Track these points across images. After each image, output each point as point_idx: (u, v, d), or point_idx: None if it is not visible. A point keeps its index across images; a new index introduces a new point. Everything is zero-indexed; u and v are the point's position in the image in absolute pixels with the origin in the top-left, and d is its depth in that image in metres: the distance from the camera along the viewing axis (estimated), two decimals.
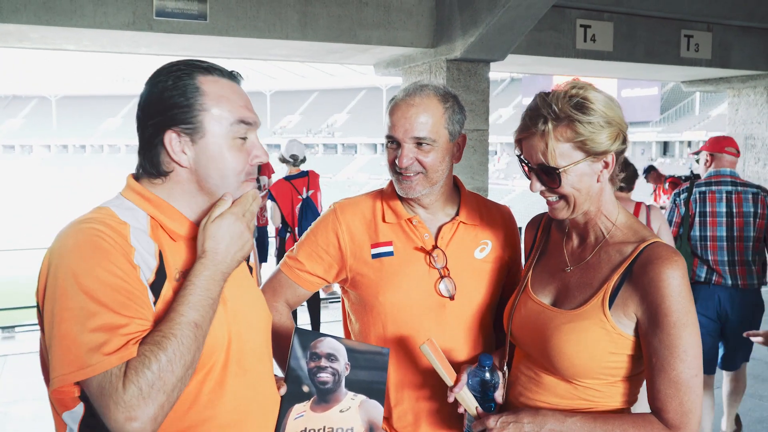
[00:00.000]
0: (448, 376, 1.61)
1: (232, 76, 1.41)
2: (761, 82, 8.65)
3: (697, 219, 4.11)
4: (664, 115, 48.35)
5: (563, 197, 1.52)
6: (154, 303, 1.27)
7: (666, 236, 3.70)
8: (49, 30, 5.28)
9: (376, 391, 1.58)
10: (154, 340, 1.19)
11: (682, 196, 4.19)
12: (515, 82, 56.69)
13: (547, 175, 1.49)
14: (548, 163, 1.47)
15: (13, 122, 75.20)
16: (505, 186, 48.36)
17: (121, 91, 72.35)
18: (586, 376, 1.50)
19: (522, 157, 1.54)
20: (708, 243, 4.07)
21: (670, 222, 4.18)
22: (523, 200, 41.53)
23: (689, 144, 45.74)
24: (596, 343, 1.47)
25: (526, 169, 1.54)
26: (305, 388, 1.51)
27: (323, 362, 1.52)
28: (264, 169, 6.12)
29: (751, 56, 8.20)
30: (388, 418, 1.85)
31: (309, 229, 1.93)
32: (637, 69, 8.20)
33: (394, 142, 1.78)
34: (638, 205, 3.78)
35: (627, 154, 1.65)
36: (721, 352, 4.17)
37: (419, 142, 1.75)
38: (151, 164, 1.35)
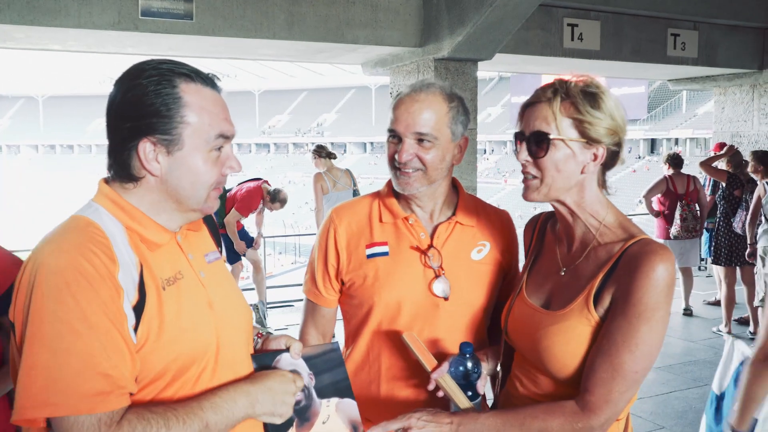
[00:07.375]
0: (427, 363, 1.62)
1: (214, 84, 1.37)
2: (747, 80, 8.71)
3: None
4: (652, 113, 48.62)
5: (541, 175, 1.51)
6: (136, 327, 1.22)
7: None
8: (33, 30, 5.23)
9: (344, 388, 1.54)
10: (161, 411, 1.19)
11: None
12: (503, 81, 56.82)
13: (536, 144, 1.49)
14: (543, 129, 1.47)
15: (0, 122, 74.64)
16: (496, 185, 48.45)
17: (110, 91, 71.72)
18: (578, 375, 1.48)
19: (520, 130, 1.54)
20: None
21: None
22: (512, 199, 41.61)
23: (676, 141, 46.01)
24: (582, 341, 1.46)
25: (518, 142, 1.53)
26: None
27: None
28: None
29: (737, 55, 8.26)
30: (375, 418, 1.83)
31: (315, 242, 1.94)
32: (624, 68, 8.23)
33: (395, 137, 1.76)
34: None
35: None
36: None
37: (420, 139, 1.73)
38: (121, 167, 1.30)
